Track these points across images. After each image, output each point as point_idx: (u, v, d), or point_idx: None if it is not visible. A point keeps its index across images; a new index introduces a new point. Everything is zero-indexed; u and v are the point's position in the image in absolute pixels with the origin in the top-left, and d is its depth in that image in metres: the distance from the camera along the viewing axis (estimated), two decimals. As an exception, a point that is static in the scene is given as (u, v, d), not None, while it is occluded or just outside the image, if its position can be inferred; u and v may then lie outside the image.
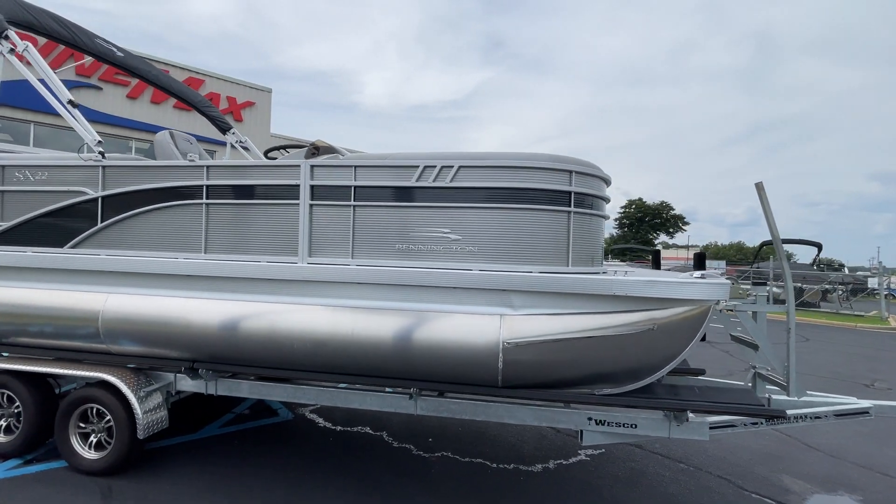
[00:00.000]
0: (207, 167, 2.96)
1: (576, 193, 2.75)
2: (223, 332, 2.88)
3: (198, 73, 13.80)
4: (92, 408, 3.14)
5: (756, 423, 2.80)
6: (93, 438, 3.16)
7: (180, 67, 13.54)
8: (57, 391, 3.43)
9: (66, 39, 4.07)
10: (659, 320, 2.60)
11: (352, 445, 3.83)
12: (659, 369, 2.73)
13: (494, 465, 3.58)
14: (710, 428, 2.79)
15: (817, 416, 2.95)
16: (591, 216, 2.90)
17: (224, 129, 5.59)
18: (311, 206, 2.83)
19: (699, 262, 3.63)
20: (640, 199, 51.54)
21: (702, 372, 3.62)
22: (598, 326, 2.59)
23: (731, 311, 3.18)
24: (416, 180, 2.72)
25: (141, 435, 3.01)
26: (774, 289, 18.24)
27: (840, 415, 3.09)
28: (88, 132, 3.09)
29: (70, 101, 3.20)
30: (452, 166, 2.68)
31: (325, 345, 2.77)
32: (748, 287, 4.33)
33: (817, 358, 8.56)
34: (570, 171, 2.73)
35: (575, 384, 2.77)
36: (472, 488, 3.22)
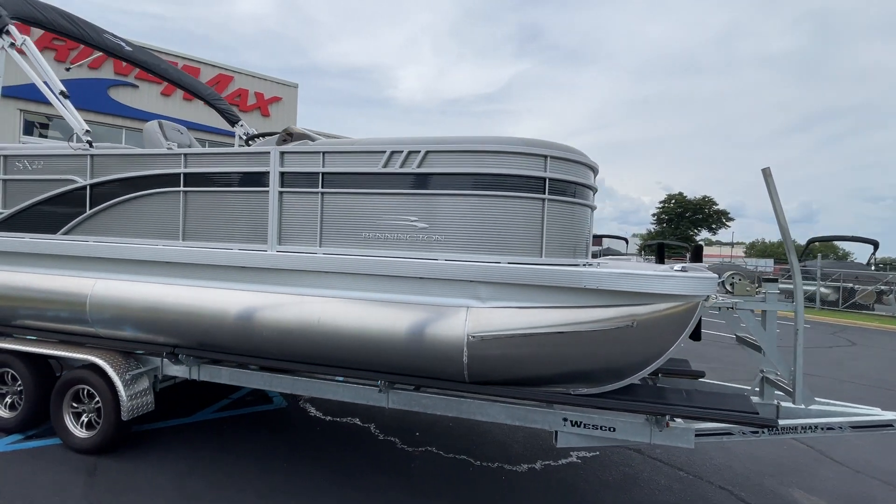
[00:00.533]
0: (185, 155, 2.99)
1: (551, 180, 2.58)
2: (197, 319, 2.91)
3: (227, 69, 14.26)
4: (83, 389, 3.26)
5: (755, 433, 2.56)
6: (84, 418, 3.29)
7: (211, 65, 14.04)
8: (58, 374, 3.58)
9: (74, 35, 4.23)
10: (639, 316, 2.40)
11: (338, 436, 3.82)
12: (640, 369, 2.53)
13: (478, 463, 3.47)
14: (697, 435, 2.58)
15: (829, 428, 2.66)
16: (570, 204, 2.72)
17: (233, 121, 5.71)
18: (281, 193, 2.80)
19: (695, 255, 3.36)
20: (681, 194, 49.38)
21: (701, 374, 3.36)
22: (571, 321, 2.42)
23: (731, 308, 2.91)
24: (383, 166, 2.63)
25: (125, 417, 3.09)
26: (822, 289, 16.96)
27: (858, 427, 2.78)
28: (78, 122, 3.19)
29: (62, 92, 3.32)
30: (419, 151, 2.57)
31: (291, 333, 2.74)
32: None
33: (862, 364, 7.87)
34: (545, 156, 2.56)
35: (547, 382, 2.61)
36: (448, 486, 3.13)
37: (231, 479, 3.03)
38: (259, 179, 2.84)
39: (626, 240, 27.31)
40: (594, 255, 3.52)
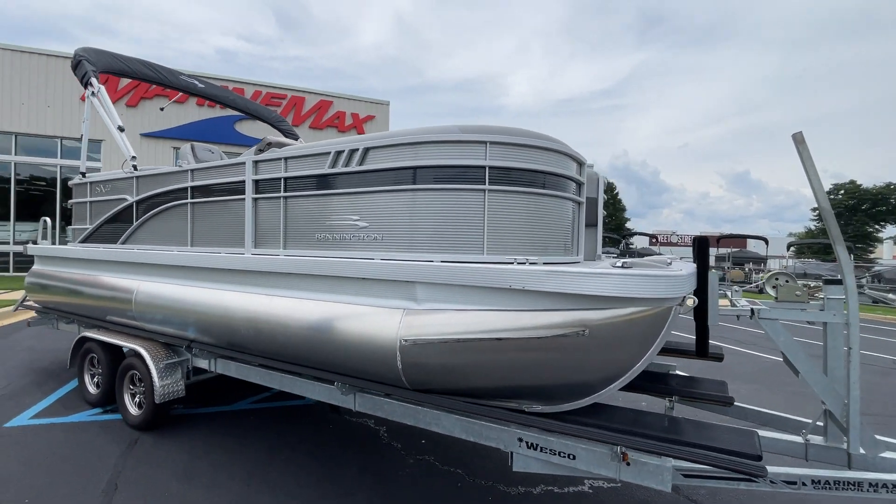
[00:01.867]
0: (192, 171, 3.38)
1: (493, 168, 2.31)
2: (196, 316, 3.25)
3: (327, 95, 15.87)
4: (135, 373, 3.87)
5: (749, 480, 1.94)
6: (136, 399, 3.89)
7: (315, 93, 15.75)
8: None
9: (155, 80, 5.12)
10: (592, 323, 2.01)
11: (347, 436, 3.90)
12: (601, 387, 2.12)
13: (470, 479, 3.23)
14: (686, 475, 2.04)
15: (885, 486, 1.90)
16: (530, 195, 2.40)
17: (295, 139, 6.32)
18: (255, 199, 2.99)
19: (700, 250, 2.71)
20: (854, 183, 40.24)
21: (729, 401, 2.67)
22: (510, 327, 2.13)
23: (746, 317, 2.27)
24: (330, 167, 2.64)
25: (157, 400, 3.58)
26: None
27: None
28: (128, 149, 3.85)
29: (119, 127, 4.03)
30: (358, 149, 2.52)
31: (261, 332, 2.89)
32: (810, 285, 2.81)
33: None
34: (485, 143, 2.31)
35: (495, 396, 2.33)
36: (427, 498, 2.97)
37: (233, 464, 3.29)
38: (240, 188, 3.08)
39: (765, 240, 23.54)
40: (640, 255, 3.05)
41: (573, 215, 2.75)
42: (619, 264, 1.96)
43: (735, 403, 2.82)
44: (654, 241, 32.31)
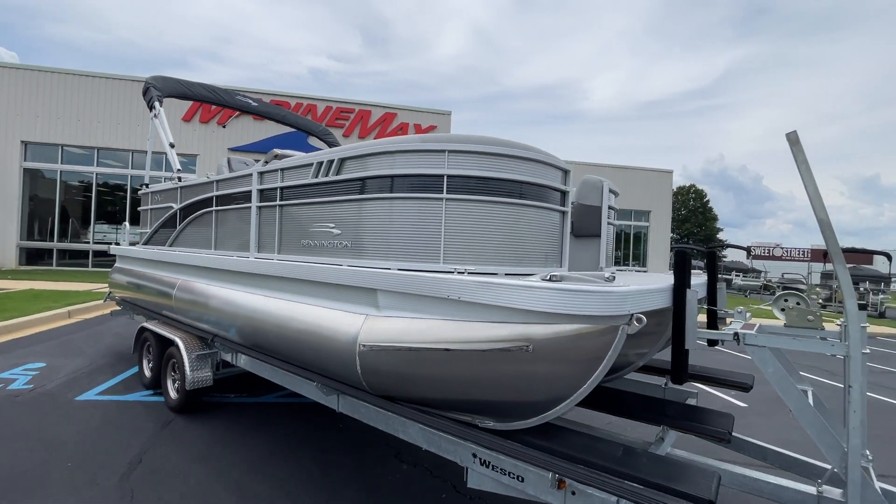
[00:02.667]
0: (216, 182, 3.75)
1: (450, 177, 2.29)
2: (216, 313, 3.58)
3: (391, 108, 16.56)
4: (174, 361, 4.34)
5: None
6: (176, 384, 4.36)
7: (380, 106, 16.53)
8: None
9: (214, 101, 5.75)
10: (535, 339, 1.92)
11: (352, 434, 4.02)
12: (548, 407, 2.00)
13: (456, 491, 3.18)
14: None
15: None
16: (494, 203, 2.35)
17: (337, 151, 6.71)
18: (259, 207, 3.24)
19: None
20: None
21: (722, 437, 2.35)
22: (457, 338, 2.09)
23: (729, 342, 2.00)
24: (312, 177, 2.79)
25: (188, 387, 3.99)
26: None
27: None
28: (175, 163, 4.36)
29: (170, 143, 4.59)
30: (334, 160, 2.64)
31: (258, 330, 3.11)
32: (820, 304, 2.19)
33: None
34: (444, 151, 2.30)
35: (446, 407, 2.30)
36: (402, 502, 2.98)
37: (242, 451, 3.56)
38: (249, 197, 3.35)
39: (888, 256, 20.45)
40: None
41: (554, 225, 2.63)
42: (547, 277, 1.83)
43: (752, 441, 2.48)
44: (750, 254, 29.20)
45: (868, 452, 2.04)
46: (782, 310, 2.23)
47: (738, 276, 27.49)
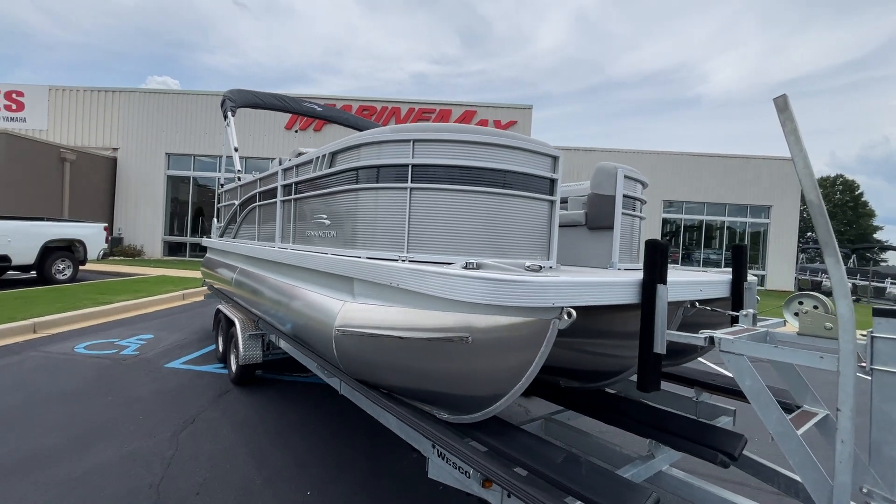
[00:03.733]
0: (259, 180, 4.17)
1: (415, 166, 2.30)
2: (256, 297, 4.00)
3: (471, 105, 16.63)
4: (235, 339, 4.92)
5: None
6: (236, 360, 4.94)
7: (459, 104, 16.70)
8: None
9: (282, 108, 6.37)
10: (475, 330, 1.86)
11: (375, 424, 4.20)
12: (488, 403, 1.93)
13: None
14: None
15: None
16: (467, 193, 2.31)
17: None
18: (282, 202, 3.54)
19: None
20: None
21: (713, 460, 2.02)
22: (407, 325, 2.11)
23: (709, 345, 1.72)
24: (312, 171, 2.97)
25: (241, 362, 4.51)
26: None
27: None
28: (236, 165, 4.93)
29: (235, 148, 5.19)
30: (326, 154, 2.79)
31: (276, 313, 3.41)
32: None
33: None
34: (410, 140, 2.31)
35: (411, 396, 2.31)
36: (401, 489, 3.05)
37: (274, 424, 3.94)
38: (277, 192, 3.68)
39: None
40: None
41: (539, 215, 2.48)
42: (464, 265, 1.75)
43: (764, 462, 2.10)
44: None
45: (867, 488, 1.62)
46: (795, 314, 1.85)
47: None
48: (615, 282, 1.79)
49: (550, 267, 2.50)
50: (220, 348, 5.57)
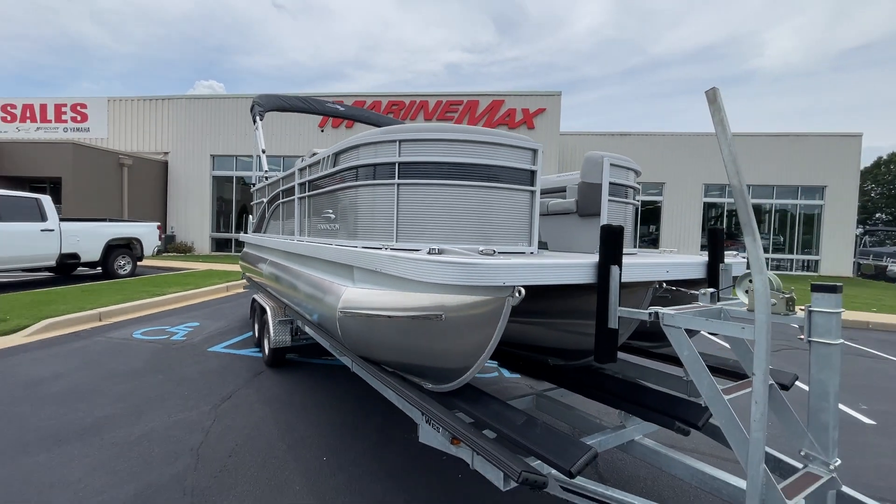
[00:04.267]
0: (281, 179, 4.55)
1: (403, 165, 2.55)
2: (280, 286, 4.41)
3: (498, 95, 16.61)
4: (267, 325, 5.40)
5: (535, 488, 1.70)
6: (268, 344, 5.43)
7: (487, 94, 16.73)
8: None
9: (307, 110, 6.77)
10: (447, 309, 2.12)
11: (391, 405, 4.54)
12: (458, 374, 2.19)
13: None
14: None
15: None
16: (451, 187, 2.55)
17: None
18: (298, 198, 3.90)
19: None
20: None
21: (670, 427, 2.17)
22: (393, 306, 2.39)
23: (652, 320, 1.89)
24: (321, 170, 3.29)
25: (272, 346, 4.97)
26: None
27: None
28: (264, 165, 5.36)
29: (262, 150, 5.62)
30: (329, 155, 3.10)
31: (292, 298, 3.79)
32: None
33: None
34: (396, 141, 2.57)
35: (402, 369, 2.60)
36: (410, 462, 3.36)
37: (300, 401, 4.35)
38: (295, 190, 4.05)
39: None
40: None
41: (521, 204, 2.67)
42: (428, 251, 1.98)
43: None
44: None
45: (835, 461, 1.73)
46: (746, 291, 1.97)
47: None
48: (568, 264, 1.98)
49: (532, 252, 2.69)
50: (256, 334, 6.09)
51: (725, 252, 2.74)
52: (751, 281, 1.94)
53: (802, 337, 1.76)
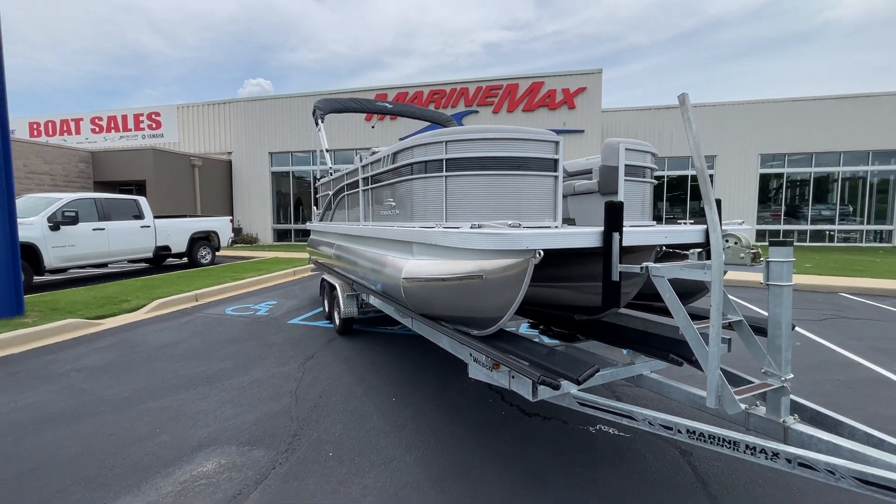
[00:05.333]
0: (346, 174, 5.36)
1: (449, 161, 3.22)
2: (349, 265, 5.25)
3: (537, 77, 16.73)
4: (336, 300, 6.32)
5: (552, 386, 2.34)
6: (338, 316, 6.35)
7: (526, 77, 16.92)
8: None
9: (360, 110, 7.57)
10: (487, 271, 2.79)
11: (442, 354, 5.29)
12: (496, 321, 2.84)
13: (507, 404, 4.14)
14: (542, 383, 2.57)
15: (806, 465, 1.92)
16: (485, 176, 3.20)
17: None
18: (362, 190, 4.68)
19: (607, 216, 2.69)
20: None
21: (663, 358, 2.73)
22: (445, 273, 3.09)
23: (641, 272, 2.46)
24: (383, 167, 4.03)
25: (342, 316, 5.87)
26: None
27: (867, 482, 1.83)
28: (329, 163, 6.21)
29: (326, 149, 6.46)
30: (389, 154, 3.82)
31: (358, 272, 4.59)
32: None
33: None
34: (443, 142, 3.24)
35: (453, 321, 3.30)
36: (437, 397, 4.10)
37: (367, 361, 5.22)
38: (359, 183, 4.83)
39: None
40: None
41: (546, 188, 3.27)
42: (470, 226, 2.64)
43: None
44: None
45: (788, 375, 2.26)
46: (724, 249, 2.48)
47: None
48: (577, 232, 2.57)
49: (556, 226, 3.29)
50: (326, 309, 7.07)
51: (727, 221, 3.20)
52: (726, 241, 2.48)
53: (762, 281, 2.28)
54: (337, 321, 6.31)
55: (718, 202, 3.10)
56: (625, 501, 2.64)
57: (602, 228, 2.65)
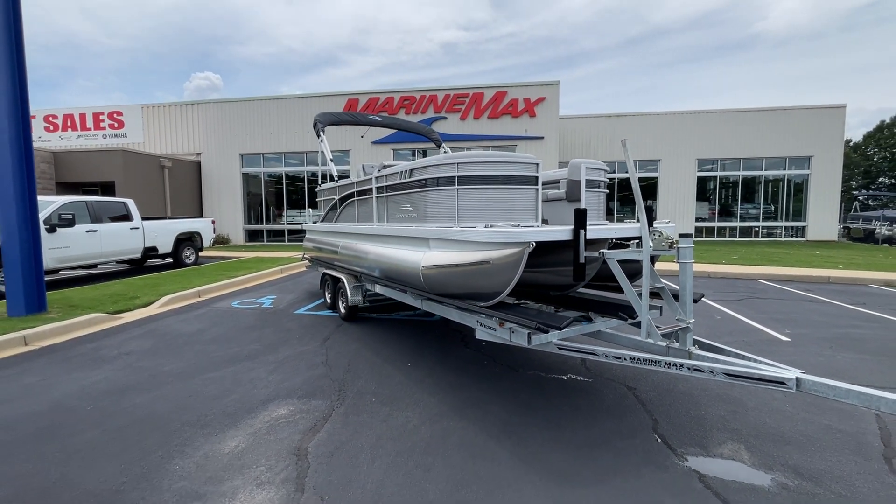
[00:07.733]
0: (356, 182, 6.33)
1: (461, 177, 4.32)
2: (359, 259, 6.23)
3: (501, 87, 18.13)
4: (341, 290, 7.25)
5: (543, 330, 3.52)
6: (343, 305, 7.29)
7: (491, 87, 18.25)
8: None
9: (354, 122, 8.49)
10: (493, 258, 3.90)
11: (439, 331, 6.37)
12: (499, 294, 3.95)
13: (503, 366, 5.28)
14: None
15: (697, 370, 3.13)
16: (485, 189, 4.31)
17: (438, 144, 9.01)
18: (376, 197, 5.69)
19: (576, 220, 3.88)
20: None
21: (617, 316, 3.97)
22: (461, 261, 4.17)
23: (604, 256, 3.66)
24: (400, 179, 5.06)
25: (349, 304, 6.82)
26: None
27: (734, 375, 3.05)
28: (334, 172, 7.13)
29: (330, 160, 7.37)
30: (406, 170, 4.87)
31: (372, 264, 5.61)
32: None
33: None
34: (455, 164, 4.33)
35: (463, 298, 4.40)
36: (460, 364, 5.20)
37: (375, 341, 6.21)
38: (370, 191, 5.83)
39: None
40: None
41: (529, 197, 4.43)
42: (485, 226, 3.76)
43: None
44: None
45: (691, 319, 3.53)
46: (654, 239, 3.73)
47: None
48: (557, 229, 3.74)
49: (537, 225, 4.46)
50: (329, 300, 7.97)
51: (659, 221, 4.49)
52: (652, 233, 3.72)
53: (675, 261, 3.54)
54: (343, 309, 7.24)
55: (649, 209, 4.39)
56: (591, 416, 3.85)
57: (572, 227, 3.83)
